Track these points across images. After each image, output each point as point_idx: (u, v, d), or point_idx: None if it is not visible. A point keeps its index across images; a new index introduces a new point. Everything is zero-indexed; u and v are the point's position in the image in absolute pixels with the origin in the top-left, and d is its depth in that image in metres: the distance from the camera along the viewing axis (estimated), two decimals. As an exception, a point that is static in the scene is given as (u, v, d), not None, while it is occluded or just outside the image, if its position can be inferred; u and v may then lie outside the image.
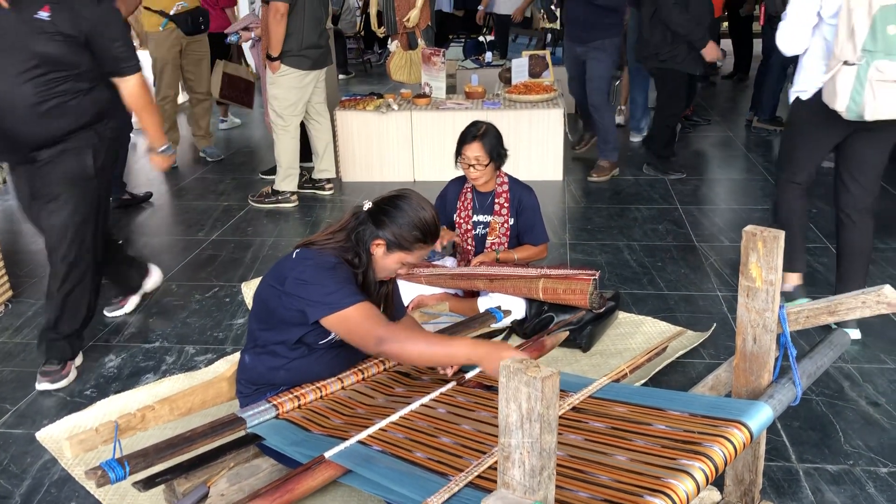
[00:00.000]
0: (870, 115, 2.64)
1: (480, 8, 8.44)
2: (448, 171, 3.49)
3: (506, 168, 3.32)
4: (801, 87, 2.95)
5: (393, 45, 5.82)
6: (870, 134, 2.87)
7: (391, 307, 2.25)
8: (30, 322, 3.33)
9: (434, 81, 5.35)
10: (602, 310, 2.95)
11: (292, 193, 4.81)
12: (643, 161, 5.34)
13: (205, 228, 4.44)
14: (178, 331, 3.23)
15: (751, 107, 6.43)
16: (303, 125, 4.87)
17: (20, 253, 4.13)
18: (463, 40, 8.91)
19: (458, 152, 3.21)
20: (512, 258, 3.28)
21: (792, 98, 3.02)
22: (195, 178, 5.47)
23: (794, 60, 3.04)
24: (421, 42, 5.72)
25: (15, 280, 3.65)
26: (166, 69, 5.43)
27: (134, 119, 4.41)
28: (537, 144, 5.07)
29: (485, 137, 3.14)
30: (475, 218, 3.34)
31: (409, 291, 3.23)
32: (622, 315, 3.16)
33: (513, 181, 3.34)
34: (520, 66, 5.55)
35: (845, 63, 2.63)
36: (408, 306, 3.18)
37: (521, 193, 3.33)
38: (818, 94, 2.81)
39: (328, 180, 5.01)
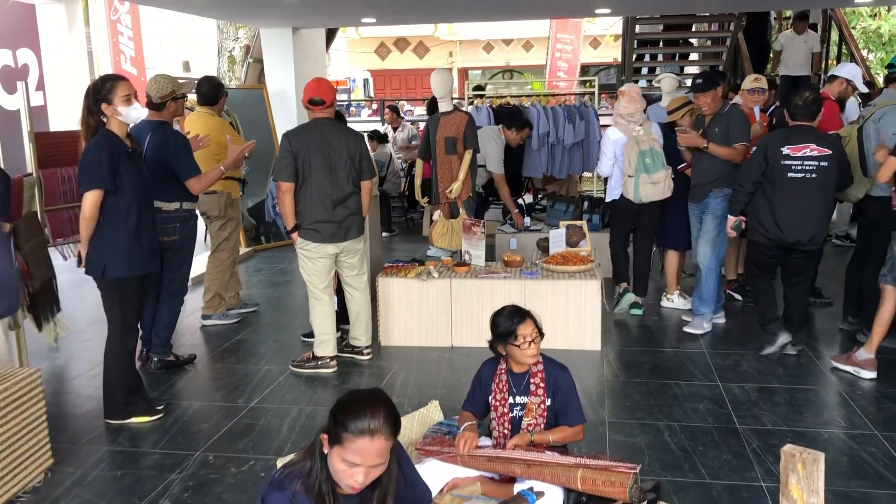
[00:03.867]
0: (644, 199, 5.57)
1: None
2: (485, 339, 3.50)
3: (544, 337, 3.34)
4: (615, 195, 5.79)
5: (436, 214, 6.05)
6: (643, 213, 5.75)
7: None
8: (67, 494, 3.35)
9: (474, 250, 5.51)
10: (643, 503, 2.87)
11: (331, 358, 4.87)
12: (677, 331, 5.34)
13: (244, 395, 4.49)
14: (211, 508, 3.21)
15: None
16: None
17: (64, 417, 4.21)
18: (501, 204, 9.19)
19: (512, 334, 3.20)
20: (547, 440, 3.24)
21: (609, 199, 5.91)
22: (238, 339, 5.59)
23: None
24: (462, 212, 5.94)
25: (57, 446, 3.70)
26: (237, 228, 5.95)
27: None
28: (575, 315, 5.11)
29: (529, 314, 3.20)
30: (511, 400, 3.33)
31: (444, 473, 3.20)
32: (663, 507, 3.08)
33: (547, 360, 3.35)
34: (557, 237, 5.70)
35: (629, 176, 5.55)
36: (443, 489, 3.15)
37: (556, 372, 3.33)
38: (622, 195, 5.69)
39: (365, 347, 5.07)
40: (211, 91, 5.80)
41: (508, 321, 3.22)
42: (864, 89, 6.90)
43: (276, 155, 9.03)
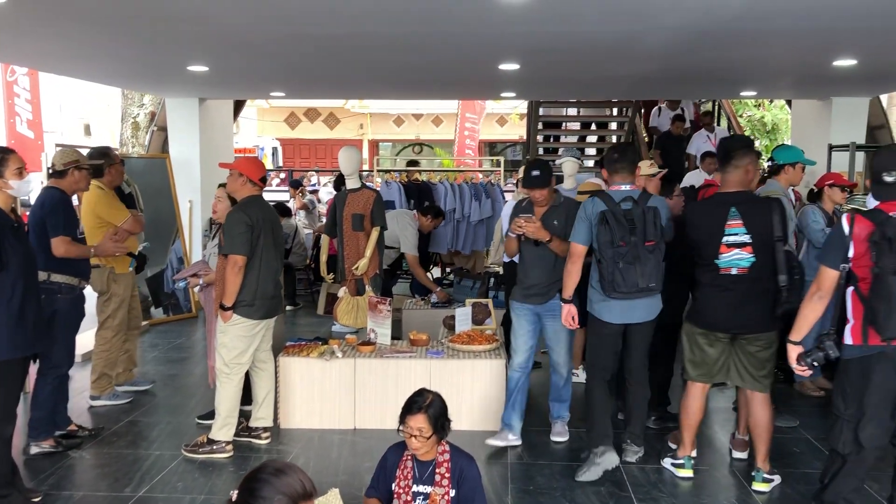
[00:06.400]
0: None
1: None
2: (390, 421, 3.45)
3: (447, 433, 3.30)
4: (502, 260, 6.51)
5: (341, 291, 5.98)
6: None
7: None
8: None
9: (379, 328, 5.44)
10: None
11: (227, 443, 4.67)
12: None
13: (132, 483, 4.23)
14: None
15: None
16: (245, 370, 4.86)
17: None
18: (410, 277, 9.20)
19: (402, 420, 3.20)
20: (449, 532, 3.17)
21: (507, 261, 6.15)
22: (129, 420, 5.30)
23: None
24: (368, 289, 5.90)
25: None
26: (123, 305, 5.64)
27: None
28: (480, 395, 5.10)
29: (430, 409, 3.16)
30: (415, 488, 3.26)
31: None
32: None
33: (454, 450, 3.32)
34: (463, 315, 5.71)
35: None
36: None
37: (463, 463, 3.29)
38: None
39: (265, 429, 4.90)
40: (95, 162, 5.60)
41: (406, 408, 3.20)
42: None
43: (176, 226, 8.89)
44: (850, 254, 3.26)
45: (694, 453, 4.49)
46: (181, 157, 9.26)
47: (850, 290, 3.30)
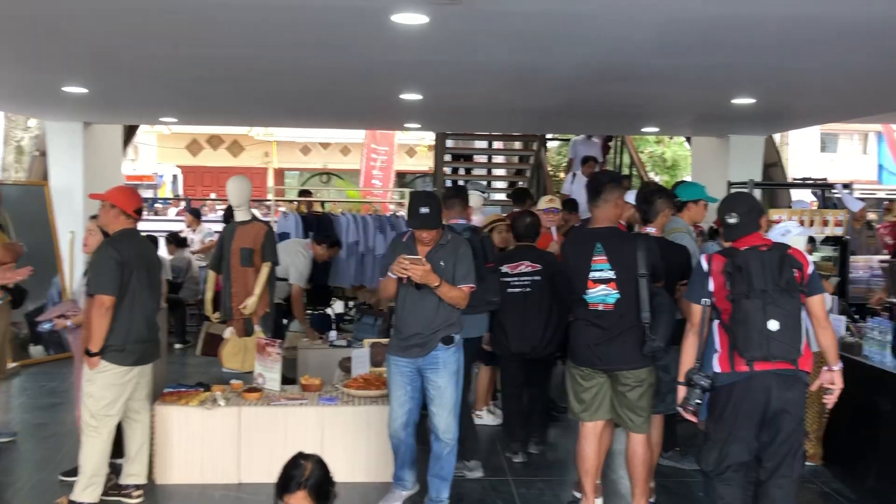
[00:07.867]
0: None
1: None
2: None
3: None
4: None
5: (227, 332, 5.57)
6: None
7: None
8: None
9: (268, 372, 5.05)
10: None
11: (93, 505, 4.19)
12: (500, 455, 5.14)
13: (-27, 558, 3.71)
14: None
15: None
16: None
17: None
18: (310, 313, 8.79)
19: (279, 496, 2.84)
20: None
21: None
22: (-20, 479, 4.73)
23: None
24: (258, 329, 5.51)
25: None
26: None
27: None
28: (376, 444, 4.76)
29: (310, 482, 2.82)
30: (295, 559, 2.91)
31: None
32: None
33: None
34: (360, 357, 5.38)
35: None
36: None
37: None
38: None
39: (137, 486, 4.43)
40: None
41: (282, 485, 2.84)
42: None
43: (57, 258, 8.23)
44: (711, 288, 3.51)
45: (600, 502, 4.30)
46: (62, 185, 8.62)
47: (715, 322, 3.52)
